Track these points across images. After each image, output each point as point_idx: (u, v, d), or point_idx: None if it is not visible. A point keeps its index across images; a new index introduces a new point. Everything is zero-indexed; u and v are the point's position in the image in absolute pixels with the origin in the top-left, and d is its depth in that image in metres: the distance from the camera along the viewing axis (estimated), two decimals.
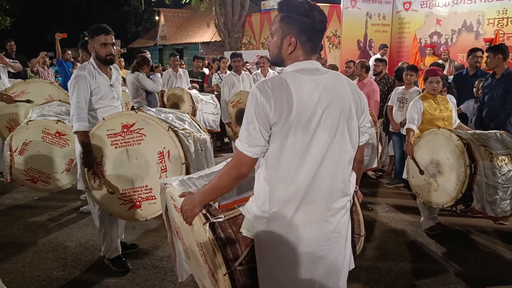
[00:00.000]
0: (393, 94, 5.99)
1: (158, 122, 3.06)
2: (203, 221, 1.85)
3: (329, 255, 1.86)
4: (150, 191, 3.11)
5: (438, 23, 11.19)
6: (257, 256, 1.87)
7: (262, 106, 1.69)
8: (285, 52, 1.82)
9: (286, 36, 1.79)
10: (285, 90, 1.70)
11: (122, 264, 3.55)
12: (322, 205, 1.81)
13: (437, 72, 4.60)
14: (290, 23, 1.78)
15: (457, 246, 4.11)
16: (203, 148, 3.36)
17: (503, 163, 3.82)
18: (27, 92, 5.28)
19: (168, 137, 3.02)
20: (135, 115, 3.07)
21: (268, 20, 14.99)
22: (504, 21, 9.75)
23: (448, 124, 4.45)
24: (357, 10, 11.91)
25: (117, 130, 3.08)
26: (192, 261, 2.26)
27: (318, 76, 1.78)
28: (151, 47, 23.62)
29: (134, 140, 3.08)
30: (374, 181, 6.35)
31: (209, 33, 19.93)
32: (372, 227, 4.55)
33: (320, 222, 1.83)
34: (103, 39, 3.35)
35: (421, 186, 4.22)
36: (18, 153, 4.21)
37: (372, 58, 10.53)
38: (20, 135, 4.21)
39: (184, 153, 3.04)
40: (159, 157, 3.04)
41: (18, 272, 3.53)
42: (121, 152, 3.12)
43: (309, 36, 1.78)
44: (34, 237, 4.21)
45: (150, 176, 3.09)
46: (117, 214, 3.26)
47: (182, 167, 3.00)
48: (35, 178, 4.30)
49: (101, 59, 3.42)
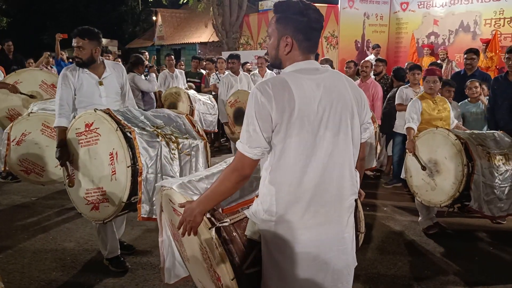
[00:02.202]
0: (399, 93, 5.79)
1: (109, 121, 2.94)
2: (208, 226, 1.82)
3: (341, 255, 1.86)
4: (105, 193, 3.01)
5: (435, 23, 11.21)
6: (266, 259, 1.85)
7: (263, 106, 1.68)
8: (283, 53, 1.81)
9: (283, 36, 1.79)
10: (286, 90, 1.69)
11: (121, 264, 3.55)
12: (333, 205, 1.80)
13: (434, 72, 4.62)
14: (286, 23, 1.78)
15: (455, 246, 4.13)
16: (193, 153, 3.23)
17: (500, 163, 3.85)
18: (19, 81, 5.27)
19: (116, 137, 2.89)
20: (93, 114, 3.00)
21: (266, 20, 15.00)
22: (501, 21, 9.78)
23: (446, 125, 4.47)
24: (354, 11, 11.93)
25: (82, 129, 3.06)
26: (192, 265, 2.25)
27: (318, 76, 1.77)
28: (148, 48, 23.56)
29: (93, 139, 3.02)
30: (372, 181, 6.37)
31: (207, 33, 19.93)
32: (371, 227, 4.56)
33: (332, 223, 1.82)
34: (73, 42, 3.41)
35: (419, 185, 4.24)
36: (16, 143, 4.22)
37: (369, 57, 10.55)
38: (20, 125, 4.23)
39: (136, 155, 2.87)
40: (110, 158, 2.93)
41: (17, 272, 3.52)
42: (85, 152, 3.08)
43: (305, 35, 1.78)
44: (32, 237, 4.21)
45: (105, 178, 2.99)
46: (84, 213, 3.21)
47: (128, 170, 2.84)
48: (29, 170, 4.30)
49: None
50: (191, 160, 3.18)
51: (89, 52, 3.42)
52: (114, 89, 3.64)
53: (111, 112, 3.03)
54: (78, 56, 3.41)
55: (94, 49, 3.44)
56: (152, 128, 3.08)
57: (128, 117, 3.09)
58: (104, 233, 3.49)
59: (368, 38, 12.32)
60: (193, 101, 6.92)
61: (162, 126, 3.15)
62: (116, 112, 3.09)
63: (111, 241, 3.52)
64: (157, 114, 3.34)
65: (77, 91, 3.45)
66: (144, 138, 2.95)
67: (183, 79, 8.06)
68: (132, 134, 2.90)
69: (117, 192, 2.91)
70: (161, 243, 2.40)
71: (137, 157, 2.86)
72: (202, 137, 3.34)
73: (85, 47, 3.39)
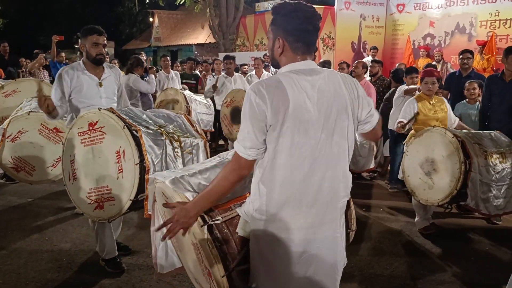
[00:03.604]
0: (398, 90, 5.71)
1: (115, 120, 2.93)
2: (200, 224, 1.83)
3: (331, 254, 1.87)
4: (110, 192, 3.01)
5: (432, 25, 11.26)
6: (255, 256, 1.85)
7: (258, 107, 1.68)
8: (277, 53, 1.83)
9: (276, 38, 1.81)
10: (280, 90, 1.69)
11: (117, 265, 3.54)
12: (325, 206, 1.81)
13: (433, 73, 4.63)
14: (278, 25, 1.80)
15: (452, 246, 4.14)
16: (194, 151, 3.23)
17: (497, 161, 3.86)
18: (18, 90, 5.24)
19: (123, 135, 2.89)
20: (98, 113, 3.00)
21: (263, 22, 15.01)
22: (497, 23, 9.83)
23: (442, 125, 4.47)
24: (351, 12, 11.97)
25: (85, 128, 3.04)
26: (184, 255, 2.24)
27: (314, 77, 1.76)
28: (145, 49, 23.57)
29: (98, 138, 3.01)
30: (368, 182, 6.38)
31: (204, 34, 19.94)
32: (367, 227, 4.57)
33: (324, 224, 1.82)
34: (95, 39, 3.44)
35: (417, 185, 4.24)
36: (11, 140, 4.20)
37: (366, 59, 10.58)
38: (18, 123, 4.21)
39: (142, 153, 2.87)
40: (117, 156, 2.93)
41: (13, 273, 3.50)
42: (88, 151, 3.06)
43: (295, 36, 1.78)
44: (28, 238, 4.18)
45: (110, 176, 2.99)
46: (86, 213, 3.19)
47: (136, 168, 2.85)
48: (19, 168, 4.29)
49: (90, 59, 3.50)
50: (192, 159, 3.19)
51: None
52: (112, 90, 3.69)
53: (115, 111, 3.04)
54: (102, 53, 3.50)
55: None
56: (156, 127, 3.09)
57: (131, 116, 3.09)
58: (103, 234, 3.48)
59: (364, 40, 12.37)
60: (189, 101, 6.92)
61: (164, 125, 3.16)
62: (120, 111, 3.11)
63: (109, 242, 3.51)
64: (157, 113, 3.35)
65: (76, 92, 3.48)
66: (150, 136, 2.96)
67: (178, 80, 8.06)
68: (139, 133, 2.91)
69: (124, 190, 2.91)
70: (153, 233, 2.38)
71: (144, 155, 2.87)
72: (201, 136, 3.36)
73: (105, 45, 3.54)
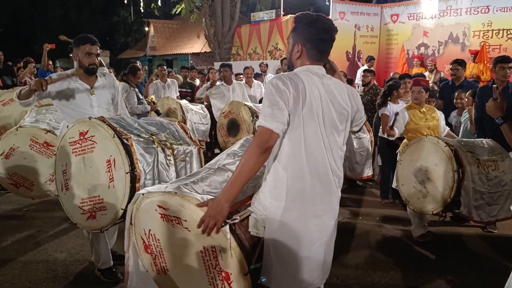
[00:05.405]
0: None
1: (106, 128, 2.90)
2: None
3: (332, 240, 2.14)
4: (102, 201, 2.98)
5: (425, 35, 11.39)
6: (270, 249, 1.98)
7: (284, 91, 1.86)
8: (294, 57, 2.08)
9: (295, 43, 2.06)
10: (300, 83, 1.91)
11: (112, 275, 3.51)
12: (333, 195, 2.05)
13: (419, 82, 4.68)
14: (298, 33, 2.06)
15: (448, 254, 4.16)
16: (187, 159, 3.22)
17: (489, 169, 3.90)
18: (15, 99, 5.23)
19: (113, 144, 2.86)
20: (88, 122, 2.98)
21: (257, 31, 15.09)
22: (489, 33, 9.98)
23: (434, 133, 4.51)
24: (345, 22, 12.08)
25: (76, 138, 3.02)
26: (175, 274, 2.19)
27: (324, 80, 2.02)
28: (140, 58, 23.59)
29: (89, 147, 2.99)
30: (364, 190, 6.40)
31: (199, 44, 20.03)
32: (364, 236, 4.58)
33: (334, 211, 2.08)
34: (88, 49, 3.44)
35: (411, 193, 4.27)
36: (4, 157, 4.19)
37: (360, 69, 10.67)
38: (8, 139, 4.20)
39: (133, 161, 2.85)
40: (107, 165, 2.90)
41: (7, 283, 3.47)
42: (79, 160, 3.04)
43: (313, 44, 2.02)
44: (23, 248, 4.15)
45: (101, 185, 2.96)
46: (79, 223, 3.17)
47: (126, 176, 2.81)
48: (18, 184, 4.28)
49: (83, 68, 3.50)
50: (185, 166, 3.17)
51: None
52: (105, 99, 3.66)
53: (106, 120, 3.02)
54: (94, 63, 3.49)
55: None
56: (147, 135, 3.06)
57: (122, 125, 3.07)
58: (97, 244, 3.46)
59: (359, 49, 12.48)
60: (185, 111, 6.93)
61: (156, 133, 3.13)
62: (111, 119, 3.09)
63: (104, 252, 3.49)
64: (150, 121, 3.33)
65: (66, 101, 3.47)
66: (141, 144, 2.94)
67: (175, 88, 8.06)
68: (129, 141, 2.89)
69: (116, 199, 2.88)
70: (126, 259, 2.38)
71: (134, 163, 2.84)
72: (195, 143, 3.35)
73: (98, 55, 3.53)
